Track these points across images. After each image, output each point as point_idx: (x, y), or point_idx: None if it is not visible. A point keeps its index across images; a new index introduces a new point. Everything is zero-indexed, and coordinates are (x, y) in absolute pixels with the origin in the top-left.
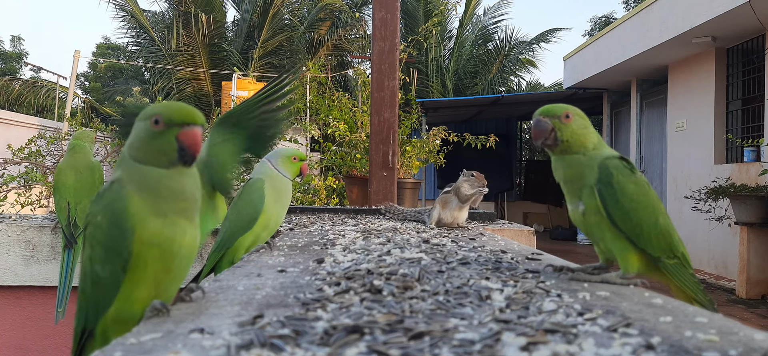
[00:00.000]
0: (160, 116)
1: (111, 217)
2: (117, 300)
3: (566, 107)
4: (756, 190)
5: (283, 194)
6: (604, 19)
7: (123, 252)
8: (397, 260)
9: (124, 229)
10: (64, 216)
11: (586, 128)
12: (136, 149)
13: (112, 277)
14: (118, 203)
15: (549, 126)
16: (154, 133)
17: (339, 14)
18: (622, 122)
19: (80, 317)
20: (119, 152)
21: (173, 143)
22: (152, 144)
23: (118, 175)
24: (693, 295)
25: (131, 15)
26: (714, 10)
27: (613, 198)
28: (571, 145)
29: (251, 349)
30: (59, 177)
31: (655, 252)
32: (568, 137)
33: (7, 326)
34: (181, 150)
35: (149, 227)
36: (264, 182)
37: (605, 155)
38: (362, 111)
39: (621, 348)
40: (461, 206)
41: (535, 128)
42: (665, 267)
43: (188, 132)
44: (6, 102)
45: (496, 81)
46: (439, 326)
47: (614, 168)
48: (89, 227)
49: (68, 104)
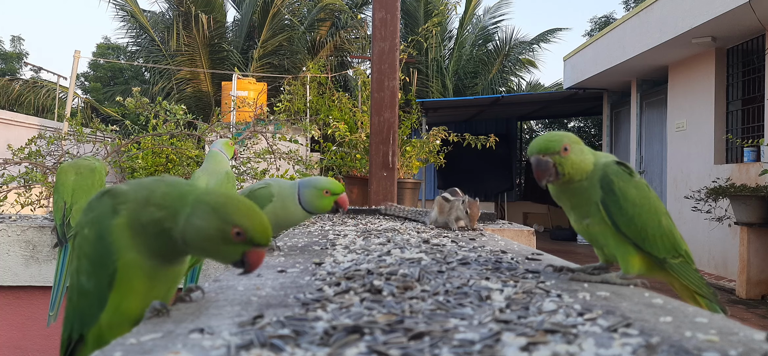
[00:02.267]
0: (243, 230)
1: (97, 231)
2: (106, 311)
3: (561, 138)
4: (756, 190)
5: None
6: (604, 19)
7: (108, 267)
8: (397, 260)
9: (109, 245)
10: (59, 215)
11: (583, 153)
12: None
13: (97, 290)
14: (105, 220)
15: (550, 164)
16: (228, 240)
17: (339, 14)
18: (622, 122)
19: (67, 325)
20: (119, 152)
21: (239, 256)
22: (220, 247)
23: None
24: (698, 291)
25: (131, 15)
26: (714, 10)
27: (616, 205)
28: (573, 176)
29: (251, 349)
30: (60, 177)
31: (660, 253)
32: (569, 170)
33: (7, 326)
34: (245, 265)
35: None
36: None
37: (603, 164)
38: (362, 111)
39: (621, 348)
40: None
41: (537, 169)
42: (671, 267)
43: (259, 253)
44: (6, 102)
45: (496, 81)
46: (439, 326)
47: (614, 175)
48: (78, 237)
49: (68, 104)
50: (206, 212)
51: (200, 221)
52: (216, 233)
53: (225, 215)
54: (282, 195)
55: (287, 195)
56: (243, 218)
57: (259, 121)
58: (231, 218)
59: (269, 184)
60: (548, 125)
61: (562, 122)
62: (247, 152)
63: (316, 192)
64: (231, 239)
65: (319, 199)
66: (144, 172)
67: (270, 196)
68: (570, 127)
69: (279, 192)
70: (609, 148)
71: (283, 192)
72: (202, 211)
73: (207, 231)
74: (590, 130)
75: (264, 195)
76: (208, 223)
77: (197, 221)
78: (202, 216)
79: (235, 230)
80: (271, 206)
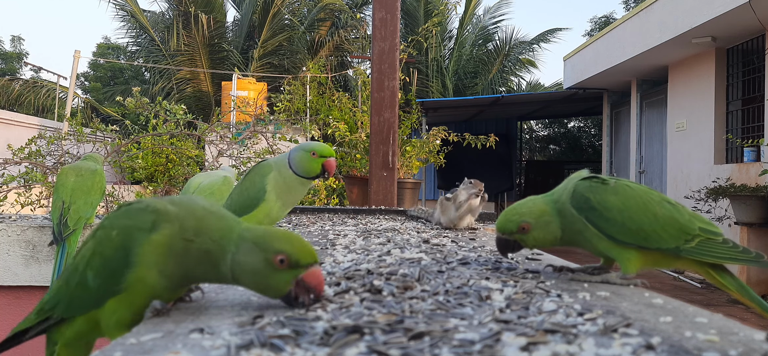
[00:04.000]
0: (286, 255)
1: (125, 239)
2: (101, 314)
3: (519, 219)
4: (756, 190)
5: (291, 190)
6: (604, 19)
7: (120, 278)
8: (397, 260)
9: (130, 261)
10: (56, 214)
11: (548, 225)
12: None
13: (99, 291)
14: (140, 234)
15: (511, 241)
16: (275, 268)
17: (339, 14)
18: (622, 122)
19: (52, 300)
20: (119, 152)
21: (290, 285)
22: (269, 279)
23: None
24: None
25: (131, 15)
26: (714, 10)
27: (602, 219)
28: (541, 244)
29: (251, 349)
30: (60, 177)
31: (670, 244)
32: (532, 244)
33: (7, 326)
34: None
35: (151, 275)
36: (271, 170)
37: (568, 192)
38: (362, 111)
39: (621, 348)
40: (461, 215)
41: (498, 245)
42: (688, 253)
43: (313, 272)
44: (6, 102)
45: (496, 81)
46: (439, 326)
47: (586, 191)
48: (100, 231)
49: (68, 104)
50: (249, 247)
51: (245, 256)
52: (262, 265)
53: (265, 245)
54: (278, 164)
55: (281, 162)
56: (282, 244)
57: (259, 121)
58: (271, 246)
59: (267, 158)
60: (548, 125)
61: (562, 122)
62: (247, 152)
63: (304, 155)
64: (276, 267)
65: (307, 161)
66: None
67: (270, 166)
68: (570, 127)
69: (275, 162)
70: (609, 148)
71: (279, 161)
72: (246, 247)
73: (253, 265)
74: (590, 130)
75: (265, 166)
76: (253, 257)
77: (243, 257)
78: (246, 252)
79: (278, 258)
80: (271, 175)
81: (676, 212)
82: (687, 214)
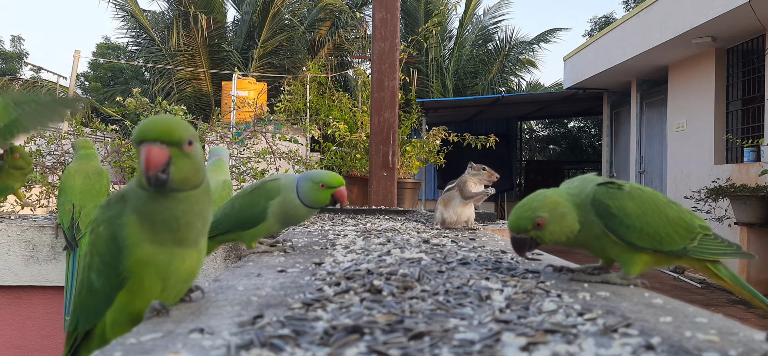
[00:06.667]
0: (324, 182)
1: (111, 231)
2: (113, 309)
3: (533, 214)
4: (756, 190)
5: (294, 216)
6: (604, 19)
7: (118, 267)
8: (397, 260)
9: (121, 246)
10: (67, 219)
11: (563, 217)
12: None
13: (106, 289)
14: (118, 220)
15: (527, 240)
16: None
17: (339, 14)
18: (622, 122)
19: (73, 319)
20: (119, 152)
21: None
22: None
23: (126, 190)
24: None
25: (131, 15)
26: (714, 10)
27: (622, 226)
28: (556, 243)
29: (251, 349)
30: (67, 180)
31: (680, 245)
32: (549, 240)
33: (7, 326)
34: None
35: (145, 250)
36: (277, 194)
37: (587, 195)
38: (362, 111)
39: (621, 348)
40: (465, 202)
41: (513, 246)
42: (693, 252)
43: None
44: None
45: (496, 81)
46: (439, 326)
47: (606, 198)
48: (92, 235)
49: None
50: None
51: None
52: (313, 188)
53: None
54: (286, 188)
55: (289, 187)
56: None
57: (259, 121)
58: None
59: (278, 178)
60: (548, 125)
61: (562, 122)
62: (247, 152)
63: (311, 186)
64: (320, 190)
65: (315, 192)
66: None
67: (278, 189)
68: (570, 127)
69: (284, 185)
70: (609, 148)
71: (287, 185)
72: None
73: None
74: (590, 130)
75: (273, 188)
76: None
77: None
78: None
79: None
80: (278, 198)
81: (683, 212)
82: (687, 213)
